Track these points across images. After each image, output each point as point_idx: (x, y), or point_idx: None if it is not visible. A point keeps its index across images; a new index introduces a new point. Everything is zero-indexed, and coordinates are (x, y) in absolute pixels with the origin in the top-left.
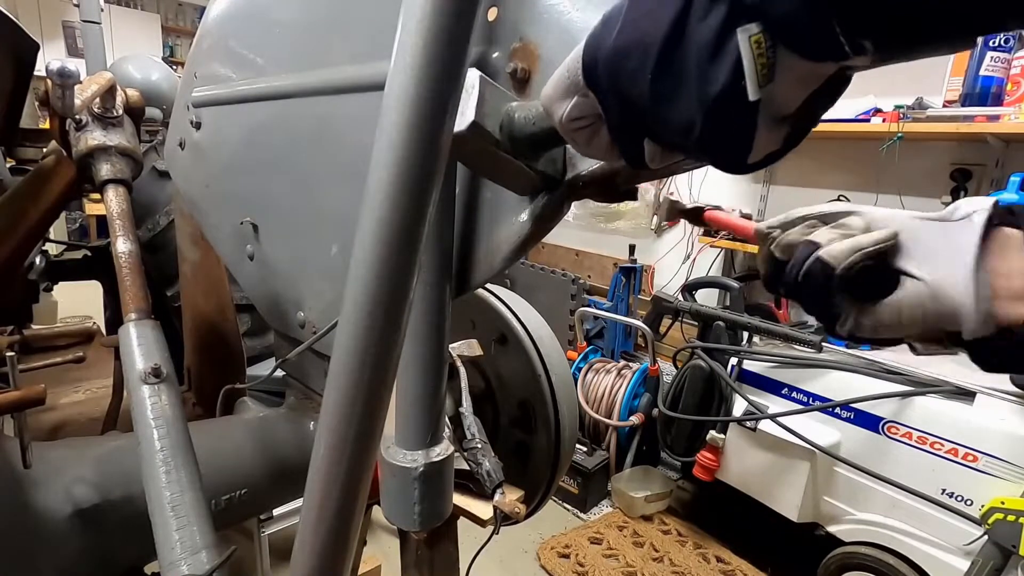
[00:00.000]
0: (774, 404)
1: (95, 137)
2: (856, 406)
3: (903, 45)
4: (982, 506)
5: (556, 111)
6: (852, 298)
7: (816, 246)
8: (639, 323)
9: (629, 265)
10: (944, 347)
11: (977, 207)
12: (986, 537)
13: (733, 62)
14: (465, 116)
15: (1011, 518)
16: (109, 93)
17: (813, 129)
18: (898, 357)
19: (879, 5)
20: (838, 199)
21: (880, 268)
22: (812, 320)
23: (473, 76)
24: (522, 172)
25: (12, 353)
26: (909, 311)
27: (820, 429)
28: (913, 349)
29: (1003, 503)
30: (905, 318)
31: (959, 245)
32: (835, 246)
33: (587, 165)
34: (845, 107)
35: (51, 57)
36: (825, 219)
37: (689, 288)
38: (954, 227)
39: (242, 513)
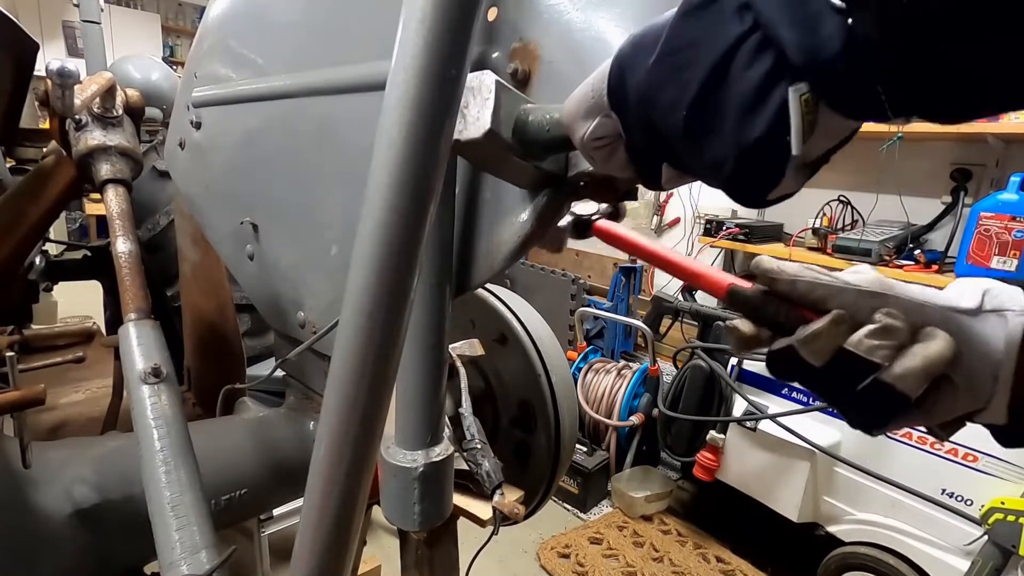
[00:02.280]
0: (774, 404)
1: (95, 137)
2: None
3: (944, 113)
4: (982, 506)
5: (578, 129)
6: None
7: (876, 366)
8: (639, 323)
9: (629, 265)
10: (962, 425)
11: (1006, 303)
12: (986, 537)
13: (774, 114)
14: (480, 122)
15: (1011, 518)
16: (109, 93)
17: None
18: None
19: (925, 81)
20: (838, 199)
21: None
22: None
23: (489, 80)
24: (528, 171)
25: (12, 353)
26: (943, 410)
27: (820, 429)
28: (934, 433)
29: (1003, 503)
30: (938, 416)
31: (992, 347)
32: (908, 371)
33: (588, 164)
34: None
35: (51, 57)
36: (839, 300)
37: (689, 288)
38: (987, 324)
39: (242, 513)
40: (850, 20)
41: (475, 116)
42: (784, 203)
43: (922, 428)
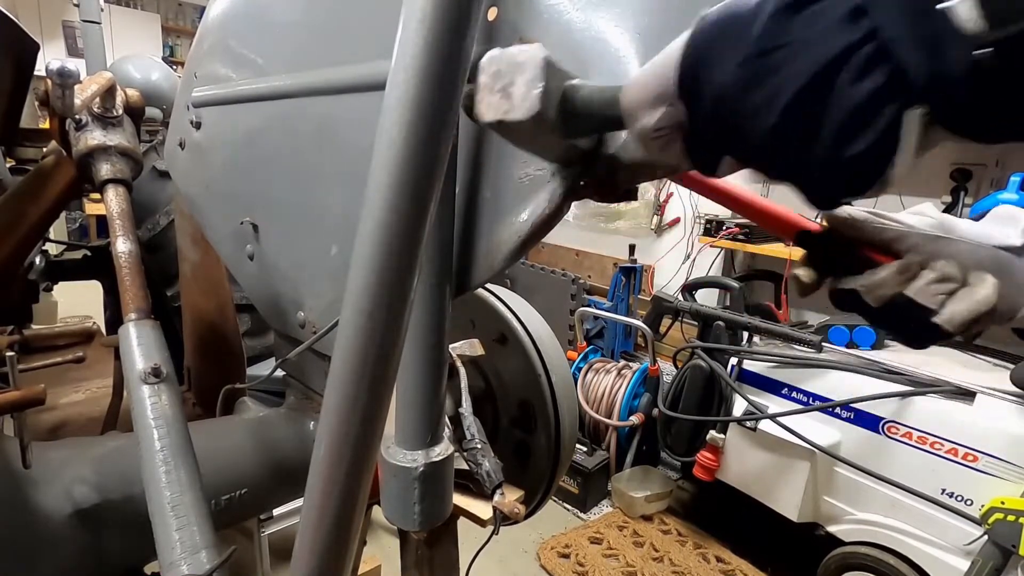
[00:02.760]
0: (774, 404)
1: (95, 137)
2: (856, 406)
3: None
4: (982, 506)
5: (640, 119)
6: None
7: (930, 312)
8: (639, 323)
9: (629, 265)
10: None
11: None
12: (986, 537)
13: (881, 132)
14: (527, 103)
15: (1011, 518)
16: (109, 93)
17: None
18: (898, 357)
19: None
20: None
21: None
22: (812, 320)
23: (538, 55)
24: (561, 147)
25: (12, 353)
26: (979, 333)
27: (820, 429)
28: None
29: (1003, 503)
30: (972, 336)
31: None
32: (956, 315)
33: (619, 143)
34: None
35: (51, 57)
36: (903, 243)
37: (689, 288)
38: None
39: (242, 513)
40: (978, 47)
41: (522, 95)
42: (784, 203)
43: (924, 429)
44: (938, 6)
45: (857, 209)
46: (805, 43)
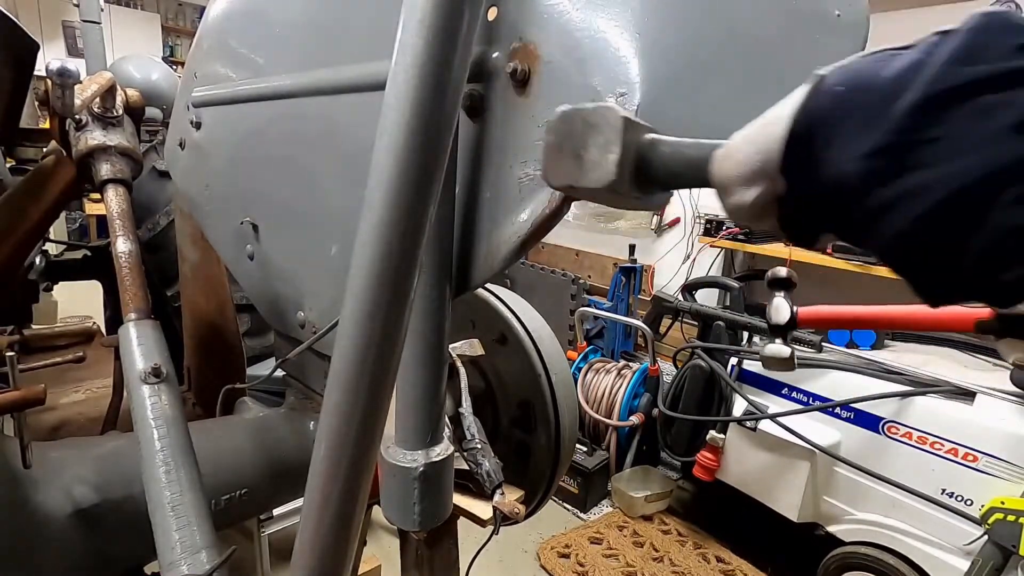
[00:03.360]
0: (774, 404)
1: (95, 137)
2: (856, 406)
3: None
4: (982, 506)
5: (735, 195)
6: None
7: None
8: (639, 323)
9: (629, 265)
10: None
11: None
12: (986, 537)
13: None
14: (603, 170)
15: (1011, 518)
16: (109, 93)
17: None
18: (898, 357)
19: None
20: None
21: None
22: None
23: (615, 118)
24: (635, 203)
25: (12, 353)
26: None
27: (820, 429)
28: None
29: (1003, 503)
30: None
31: None
32: None
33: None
34: None
35: (51, 57)
36: None
37: (689, 288)
38: None
39: (242, 513)
40: None
41: (595, 160)
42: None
43: (924, 429)
44: None
45: None
46: (963, 144)
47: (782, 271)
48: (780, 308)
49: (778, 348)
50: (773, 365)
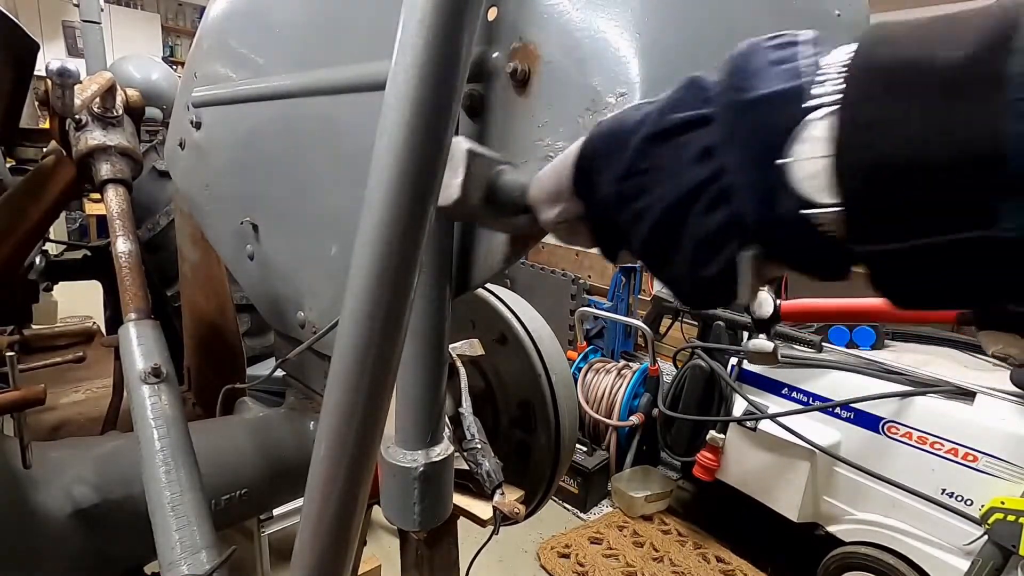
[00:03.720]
0: (774, 404)
1: (95, 137)
2: (856, 406)
3: (898, 301)
4: (982, 506)
5: (542, 212)
6: None
7: None
8: (639, 323)
9: (629, 265)
10: None
11: None
12: (986, 537)
13: (725, 264)
14: (450, 191)
15: (1011, 518)
16: (109, 93)
17: None
18: (898, 357)
19: (884, 274)
20: None
21: None
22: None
23: (460, 149)
24: (504, 225)
25: (12, 353)
26: None
27: (820, 429)
28: None
29: (1003, 503)
30: None
31: None
32: None
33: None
34: None
35: (51, 57)
36: None
37: None
38: None
39: (242, 513)
40: (813, 211)
41: (447, 183)
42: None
43: (924, 429)
44: (777, 161)
45: None
46: (667, 173)
47: None
48: (764, 302)
49: (762, 343)
50: (757, 360)
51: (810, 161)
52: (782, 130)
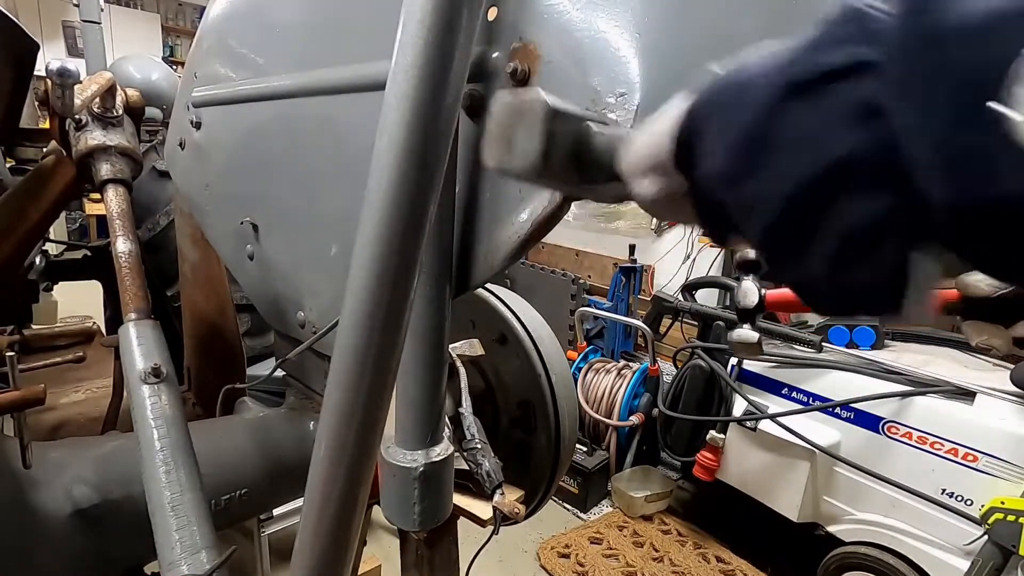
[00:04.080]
0: (774, 404)
1: (95, 137)
2: (856, 406)
3: None
4: (982, 506)
5: (636, 187)
6: None
7: None
8: (639, 323)
9: (629, 265)
10: None
11: None
12: (986, 537)
13: (887, 271)
14: (527, 154)
15: (1011, 518)
16: (109, 93)
17: None
18: (898, 357)
19: None
20: None
21: None
22: (812, 320)
23: (538, 104)
24: (593, 193)
25: (12, 353)
26: None
27: (820, 429)
28: None
29: (1003, 503)
30: None
31: None
32: None
33: None
34: None
35: (51, 57)
36: None
37: (689, 288)
38: None
39: (242, 513)
40: None
41: (521, 146)
42: None
43: (924, 429)
44: (989, 108)
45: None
46: (804, 141)
47: (751, 252)
48: (748, 292)
49: (746, 333)
50: (740, 351)
51: None
52: (996, 68)
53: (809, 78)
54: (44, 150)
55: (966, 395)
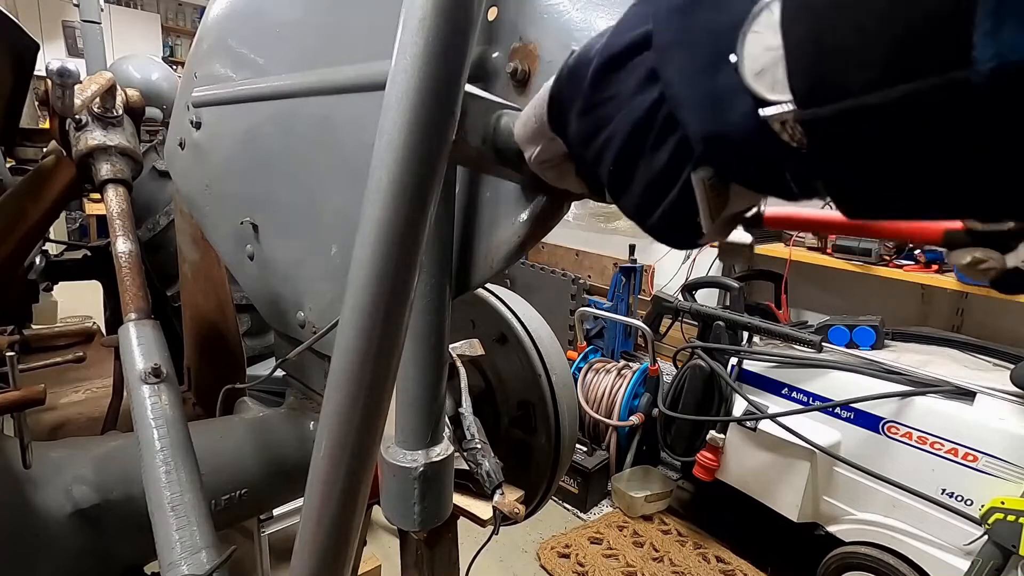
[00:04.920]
0: (774, 404)
1: (95, 137)
2: (856, 406)
3: (857, 211)
4: (982, 506)
5: (526, 151)
6: None
7: None
8: (639, 323)
9: (629, 265)
10: None
11: None
12: (986, 537)
13: (680, 193)
14: (468, 140)
15: (1011, 518)
16: (109, 93)
17: None
18: (898, 357)
19: (845, 181)
20: None
21: None
22: (812, 320)
23: (470, 96)
24: (513, 176)
25: (12, 353)
26: None
27: (820, 429)
28: None
29: (1003, 503)
30: None
31: None
32: None
33: None
34: None
35: (51, 57)
36: None
37: (689, 288)
38: None
39: (242, 513)
40: (768, 110)
41: (464, 132)
42: (784, 203)
43: (924, 429)
44: (727, 58)
45: None
46: (620, 102)
47: None
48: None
49: (739, 233)
50: (730, 250)
51: (762, 53)
52: (729, 27)
53: (617, 52)
54: (44, 150)
55: (966, 395)
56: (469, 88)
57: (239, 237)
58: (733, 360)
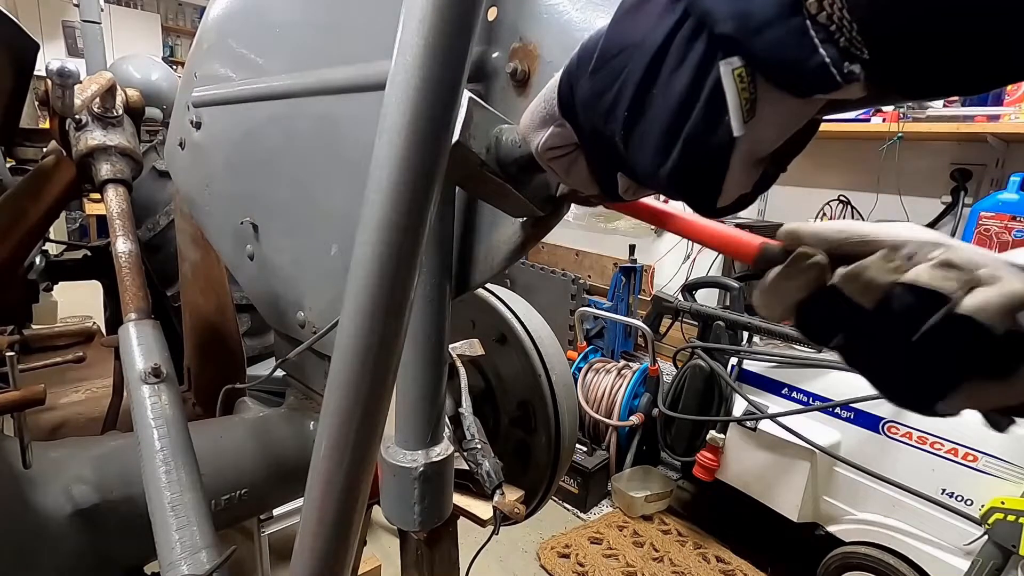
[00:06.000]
0: (774, 404)
1: (95, 137)
2: (856, 406)
3: (902, 81)
4: (982, 506)
5: (533, 140)
6: (976, 372)
7: (944, 298)
8: (639, 323)
9: (629, 265)
10: None
11: None
12: (986, 537)
13: (708, 98)
14: (468, 148)
15: (1011, 518)
16: (109, 93)
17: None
18: None
19: (880, 30)
20: (838, 199)
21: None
22: None
23: (463, 97)
24: (512, 195)
25: (12, 353)
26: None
27: (820, 429)
28: (994, 422)
29: (1003, 503)
30: (1019, 387)
31: None
32: (989, 302)
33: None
34: None
35: (51, 57)
36: (896, 248)
37: (689, 288)
38: None
39: (242, 513)
40: None
41: (465, 140)
42: (784, 203)
43: (924, 429)
44: None
45: (825, 224)
46: (638, 40)
47: None
48: None
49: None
50: None
51: None
52: None
53: (633, 2)
54: (44, 150)
55: None
56: (473, 98)
57: (239, 237)
58: (733, 360)
